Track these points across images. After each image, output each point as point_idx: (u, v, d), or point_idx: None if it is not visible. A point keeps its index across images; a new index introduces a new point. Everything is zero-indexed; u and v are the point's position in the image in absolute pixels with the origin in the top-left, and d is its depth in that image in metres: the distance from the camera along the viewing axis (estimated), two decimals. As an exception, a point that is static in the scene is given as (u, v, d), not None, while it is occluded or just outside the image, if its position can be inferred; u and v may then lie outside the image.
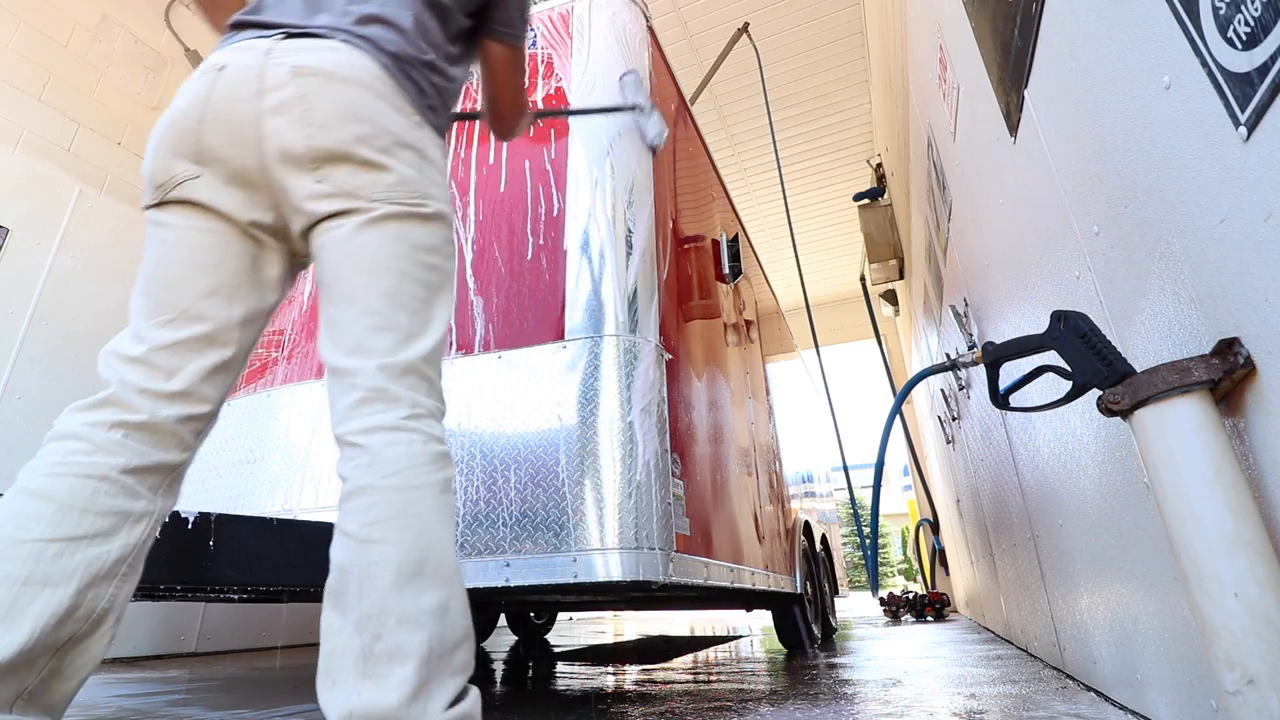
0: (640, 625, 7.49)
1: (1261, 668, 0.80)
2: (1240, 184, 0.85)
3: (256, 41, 1.00)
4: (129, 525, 0.87)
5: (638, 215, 2.11)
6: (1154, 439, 0.95)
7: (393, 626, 0.78)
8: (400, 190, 0.99)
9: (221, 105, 0.96)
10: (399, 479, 0.87)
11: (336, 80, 0.97)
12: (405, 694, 0.75)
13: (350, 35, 1.02)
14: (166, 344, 0.95)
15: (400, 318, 0.96)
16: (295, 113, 0.95)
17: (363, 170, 0.97)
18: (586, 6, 2.43)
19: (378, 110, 0.99)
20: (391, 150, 1.00)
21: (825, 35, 5.84)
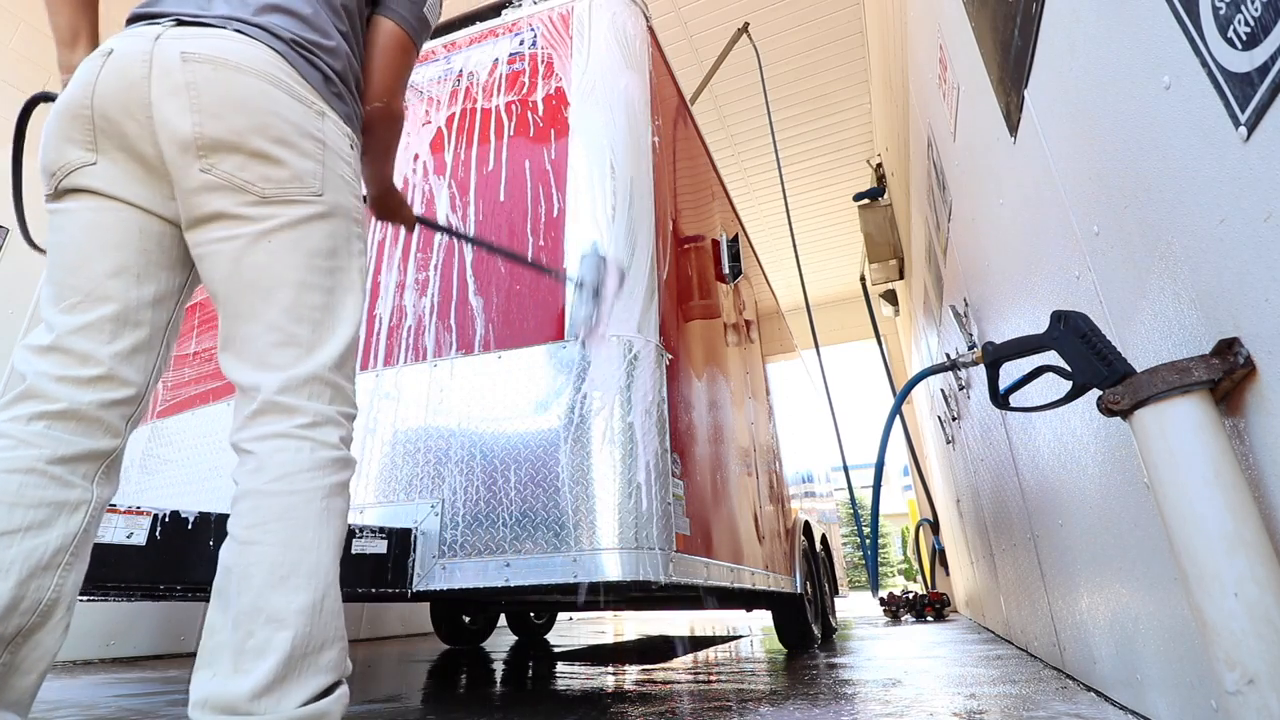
0: (640, 625, 7.49)
1: (1261, 668, 0.80)
2: (1240, 184, 0.85)
3: (146, 28, 0.98)
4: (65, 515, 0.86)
5: (638, 215, 2.11)
6: (1154, 439, 0.95)
7: (261, 624, 0.81)
8: (293, 186, 0.97)
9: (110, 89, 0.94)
10: (281, 484, 0.89)
11: (227, 68, 0.95)
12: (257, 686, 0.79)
13: (244, 24, 1.00)
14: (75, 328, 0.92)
15: (301, 331, 0.96)
16: (184, 98, 0.93)
17: (254, 161, 0.95)
18: (586, 6, 2.43)
19: (273, 99, 0.97)
20: (288, 141, 0.97)
21: (825, 35, 5.84)
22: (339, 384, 0.99)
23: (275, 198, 0.96)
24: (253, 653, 0.80)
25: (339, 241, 1.03)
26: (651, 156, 2.27)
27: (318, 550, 0.88)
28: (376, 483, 1.99)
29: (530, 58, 2.48)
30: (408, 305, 2.24)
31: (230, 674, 0.80)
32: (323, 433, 0.95)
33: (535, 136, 2.30)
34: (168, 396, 2.72)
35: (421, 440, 1.98)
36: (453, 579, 1.77)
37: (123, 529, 1.33)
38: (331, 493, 0.92)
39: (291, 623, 0.82)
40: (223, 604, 0.85)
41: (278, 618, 0.82)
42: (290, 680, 0.81)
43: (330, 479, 0.93)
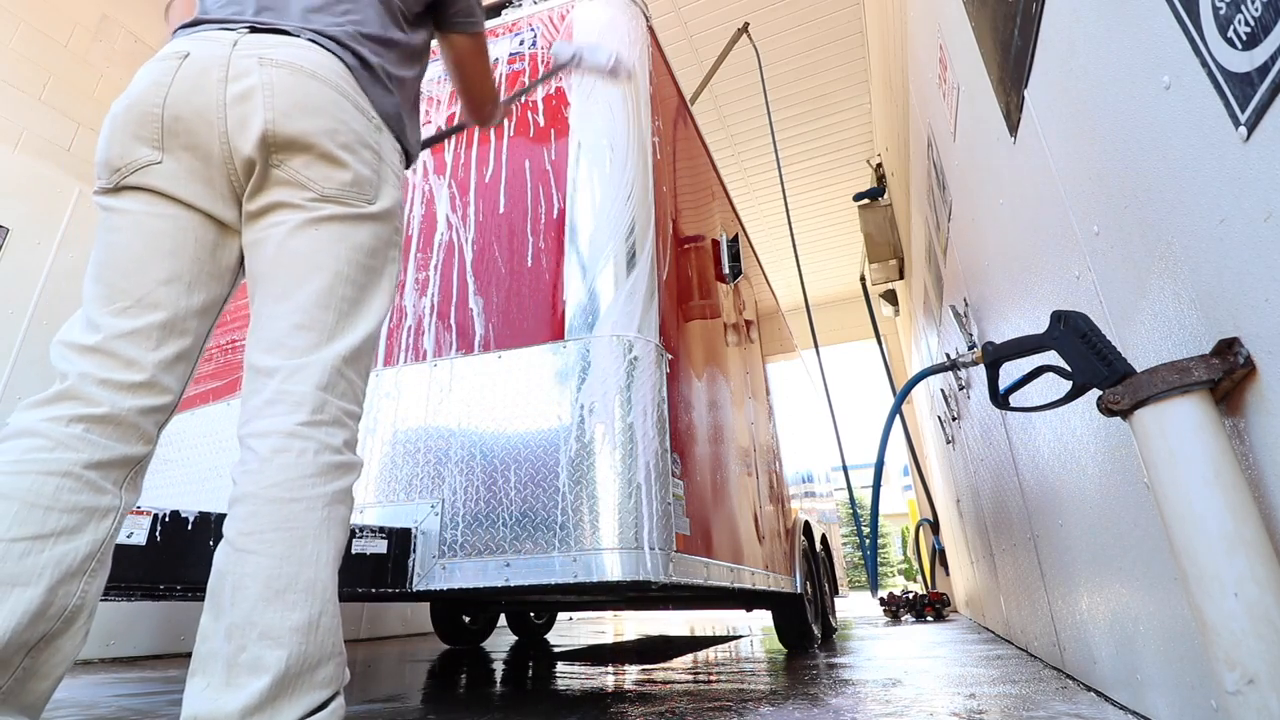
0: (640, 625, 7.49)
1: (1261, 668, 0.80)
2: (1240, 184, 0.85)
3: (221, 33, 1.00)
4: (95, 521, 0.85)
5: (638, 215, 2.11)
6: (1154, 439, 0.95)
7: (255, 639, 0.79)
8: (353, 190, 1.01)
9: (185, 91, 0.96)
10: (280, 490, 0.85)
11: (303, 74, 0.99)
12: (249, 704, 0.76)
13: (318, 35, 1.04)
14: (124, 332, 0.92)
15: (326, 317, 0.96)
16: (259, 99, 0.96)
17: (319, 162, 0.98)
18: (586, 6, 2.43)
19: (342, 108, 1.01)
20: (352, 148, 1.01)
21: (825, 35, 5.84)
22: (351, 379, 0.98)
23: (333, 197, 0.99)
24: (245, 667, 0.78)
25: (381, 244, 1.05)
26: (651, 156, 2.27)
27: (316, 565, 0.85)
28: (376, 483, 1.98)
29: (530, 58, 2.48)
30: (408, 305, 2.24)
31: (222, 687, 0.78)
32: (327, 433, 0.92)
33: (535, 136, 2.30)
34: (168, 396, 2.72)
35: (421, 440, 1.98)
36: (453, 579, 1.77)
37: (123, 529, 1.33)
38: (334, 500, 0.89)
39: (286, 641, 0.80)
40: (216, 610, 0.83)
41: (272, 634, 0.80)
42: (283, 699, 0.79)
43: (333, 485, 0.90)
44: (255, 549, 0.83)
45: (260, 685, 0.77)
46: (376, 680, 2.80)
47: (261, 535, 0.83)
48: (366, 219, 1.03)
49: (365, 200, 1.02)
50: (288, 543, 0.83)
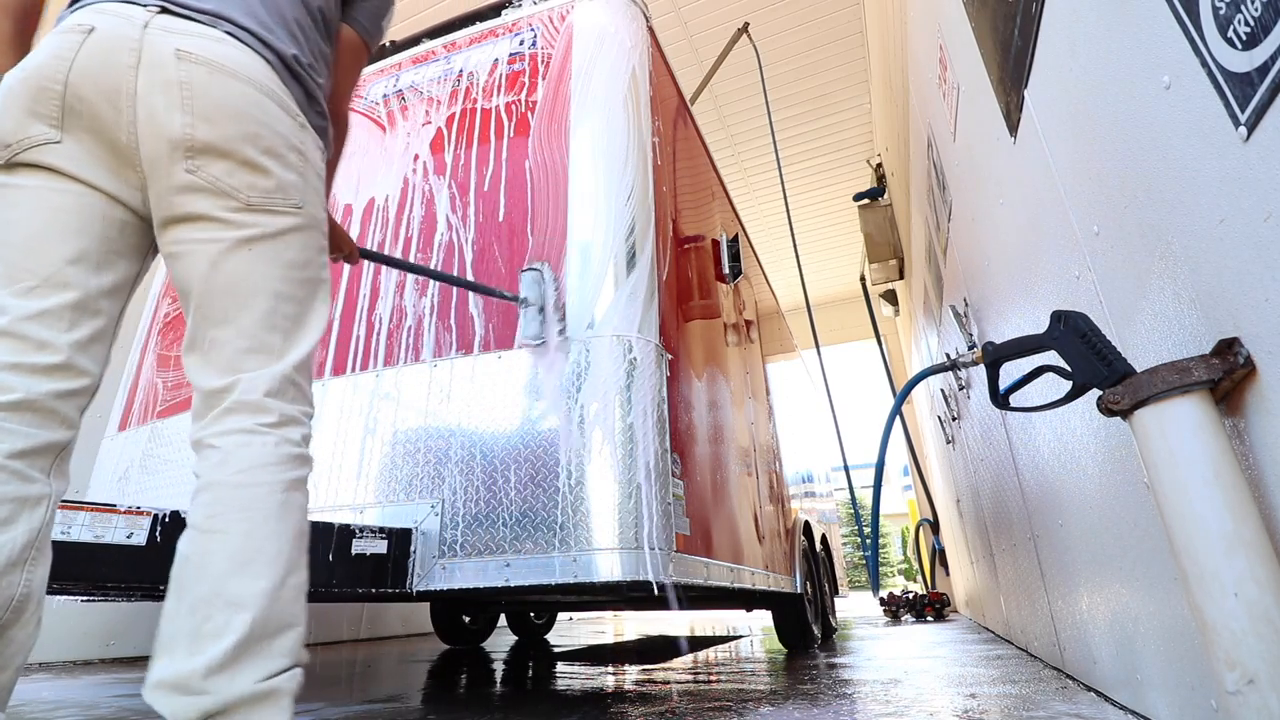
0: (640, 625, 7.49)
1: (1261, 668, 0.80)
2: (1240, 184, 0.85)
3: (127, 8, 0.94)
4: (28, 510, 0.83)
5: (638, 215, 2.11)
6: (1154, 439, 0.95)
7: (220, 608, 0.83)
8: (277, 197, 0.99)
9: (91, 70, 0.91)
10: (244, 476, 0.90)
11: (224, 73, 0.95)
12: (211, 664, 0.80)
13: (237, 28, 0.99)
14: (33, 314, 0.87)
15: (273, 339, 0.98)
16: (175, 96, 0.92)
17: (241, 169, 0.95)
18: (587, 7, 2.43)
19: (265, 109, 0.98)
20: (277, 152, 0.99)
21: (825, 35, 5.84)
22: (301, 384, 1.02)
23: (259, 206, 0.97)
24: (210, 635, 0.82)
25: (312, 253, 1.05)
26: (651, 156, 2.27)
27: (279, 539, 0.89)
28: (376, 483, 1.99)
29: (530, 58, 2.48)
30: (408, 305, 2.24)
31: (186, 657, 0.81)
32: (287, 430, 0.97)
33: (535, 137, 2.30)
34: (167, 396, 2.72)
35: (421, 440, 1.98)
36: (453, 579, 1.77)
37: (123, 529, 1.33)
38: (291, 487, 0.94)
39: (250, 604, 0.84)
40: (179, 592, 0.86)
41: (237, 601, 0.83)
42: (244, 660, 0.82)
43: (291, 474, 0.94)
44: (220, 528, 0.87)
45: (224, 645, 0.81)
46: (376, 680, 2.81)
47: (226, 516, 0.87)
48: (296, 231, 1.01)
49: (293, 206, 1.01)
50: (252, 521, 0.88)
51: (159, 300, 3.14)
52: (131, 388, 2.97)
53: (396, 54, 2.89)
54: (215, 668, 0.80)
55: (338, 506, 2.00)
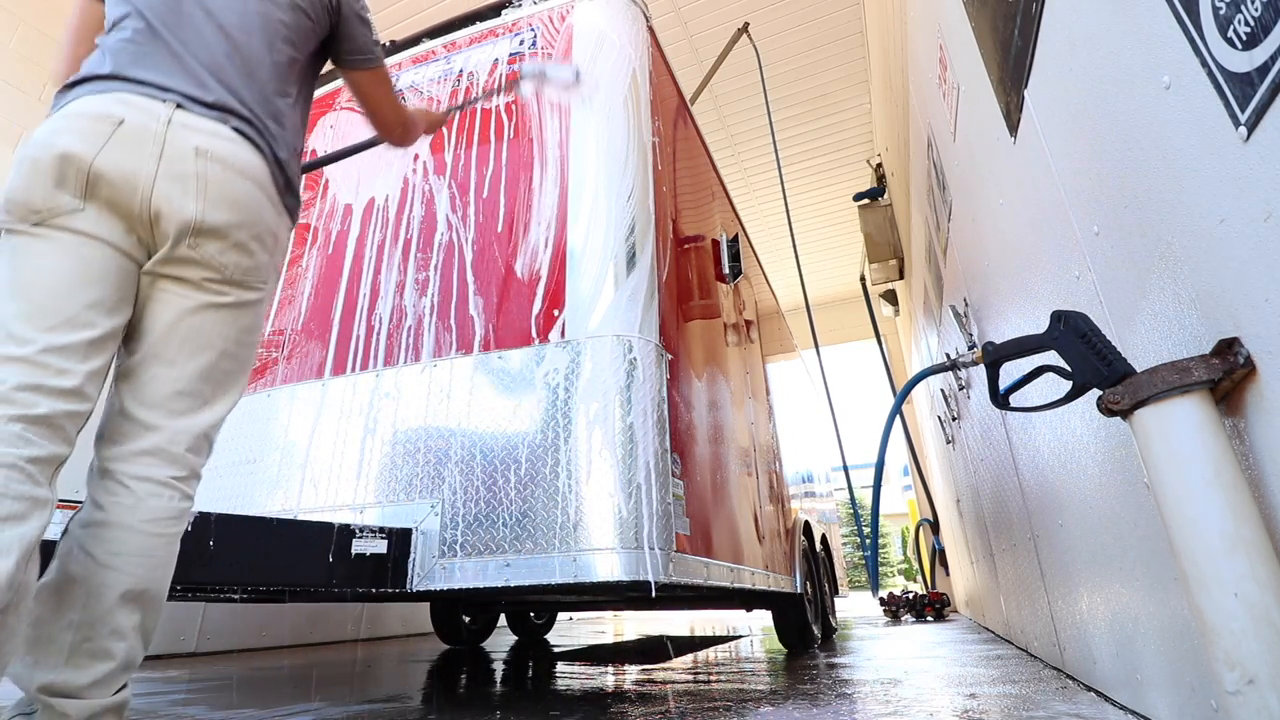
0: (640, 625, 7.49)
1: (1261, 668, 0.80)
2: (1240, 184, 0.85)
3: (149, 103, 1.08)
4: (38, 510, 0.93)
5: (638, 215, 2.11)
6: (1154, 439, 0.95)
7: (105, 635, 0.98)
8: (253, 274, 1.16)
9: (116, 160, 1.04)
10: (151, 526, 1.03)
11: (234, 170, 1.11)
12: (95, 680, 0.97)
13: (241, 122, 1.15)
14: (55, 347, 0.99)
15: (205, 389, 1.12)
16: (191, 187, 1.07)
17: (232, 250, 1.12)
18: (587, 7, 2.43)
19: (261, 203, 1.15)
20: (261, 238, 1.16)
21: (825, 35, 5.84)
22: (212, 440, 1.16)
23: (237, 281, 1.14)
24: (89, 654, 0.97)
25: (259, 322, 1.21)
26: (651, 156, 2.27)
27: (162, 585, 1.05)
28: (376, 483, 1.99)
29: (530, 58, 2.48)
30: (408, 305, 2.24)
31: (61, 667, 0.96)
32: (189, 485, 1.11)
33: (536, 137, 2.30)
34: (168, 396, 2.72)
35: (421, 440, 1.98)
36: (453, 579, 1.77)
37: (123, 529, 1.33)
38: (177, 538, 1.09)
39: (130, 636, 1.00)
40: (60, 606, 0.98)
41: (120, 631, 0.99)
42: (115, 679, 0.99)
43: (182, 526, 1.10)
44: (120, 567, 1.00)
45: (106, 668, 0.98)
46: (376, 680, 2.81)
47: (128, 557, 1.01)
48: (256, 304, 1.18)
49: (260, 282, 1.17)
50: (149, 565, 1.03)
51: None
52: (131, 388, 2.97)
53: (396, 54, 2.89)
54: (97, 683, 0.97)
55: (338, 506, 2.00)
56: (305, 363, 2.34)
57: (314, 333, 2.39)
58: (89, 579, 0.99)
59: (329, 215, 2.63)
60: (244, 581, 1.53)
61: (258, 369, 2.45)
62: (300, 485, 2.10)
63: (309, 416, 2.21)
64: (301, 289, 2.54)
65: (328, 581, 1.67)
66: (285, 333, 2.47)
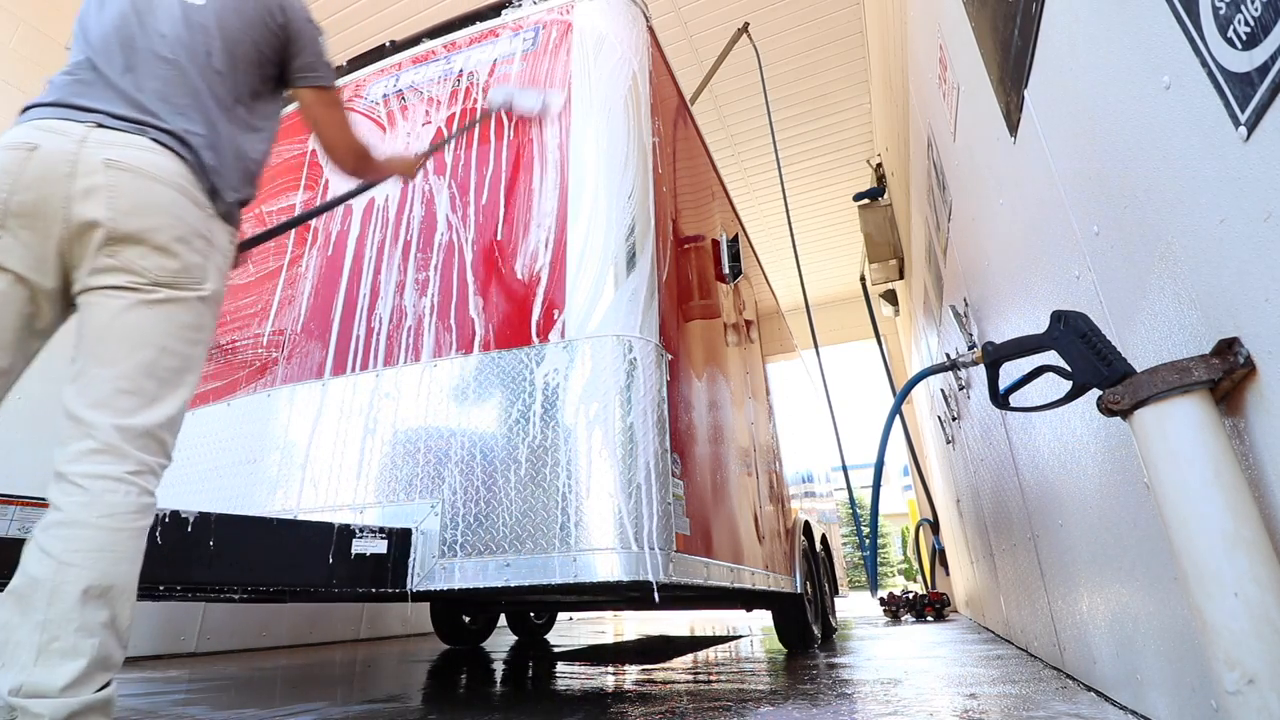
0: (640, 625, 7.49)
1: (1261, 668, 0.80)
2: (1240, 184, 0.85)
3: (69, 126, 1.12)
4: None
5: (638, 215, 2.11)
6: (1154, 439, 0.95)
7: (72, 632, 0.98)
8: (182, 276, 1.17)
9: (30, 184, 1.08)
10: (109, 520, 1.04)
11: (145, 177, 1.13)
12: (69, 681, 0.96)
13: (160, 133, 1.18)
14: None
15: (149, 385, 1.13)
16: (103, 198, 1.10)
17: (153, 253, 1.14)
18: (587, 6, 2.43)
19: (179, 204, 1.17)
20: (185, 239, 1.17)
21: (825, 35, 5.84)
22: (165, 439, 1.16)
23: (164, 282, 1.15)
24: (58, 653, 0.97)
25: (205, 320, 1.22)
26: (651, 156, 2.27)
27: (127, 579, 1.05)
28: (376, 483, 1.99)
29: (524, 59, 2.48)
30: (408, 305, 2.24)
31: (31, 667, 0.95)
32: (145, 480, 1.11)
33: (535, 138, 2.30)
34: (168, 396, 2.72)
35: (421, 440, 1.98)
36: (453, 579, 1.77)
37: (123, 529, 1.33)
38: (142, 532, 1.10)
39: (98, 633, 1.00)
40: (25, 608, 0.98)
41: (87, 628, 0.99)
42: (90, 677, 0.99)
43: (144, 521, 1.10)
44: (79, 563, 1.00)
45: (78, 666, 0.97)
46: (376, 680, 2.81)
47: (87, 553, 1.01)
48: (190, 302, 1.18)
49: (195, 283, 1.19)
50: (109, 561, 1.03)
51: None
52: (131, 388, 2.97)
53: (396, 54, 2.89)
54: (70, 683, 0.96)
55: (338, 506, 2.00)
56: (305, 363, 2.34)
57: (314, 333, 2.39)
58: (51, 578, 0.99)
59: (329, 215, 2.63)
60: (244, 581, 1.53)
61: (258, 369, 2.45)
62: (300, 485, 2.10)
63: (309, 416, 2.21)
64: (302, 289, 2.54)
65: (328, 581, 1.67)
66: (285, 333, 2.47)
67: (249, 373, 2.48)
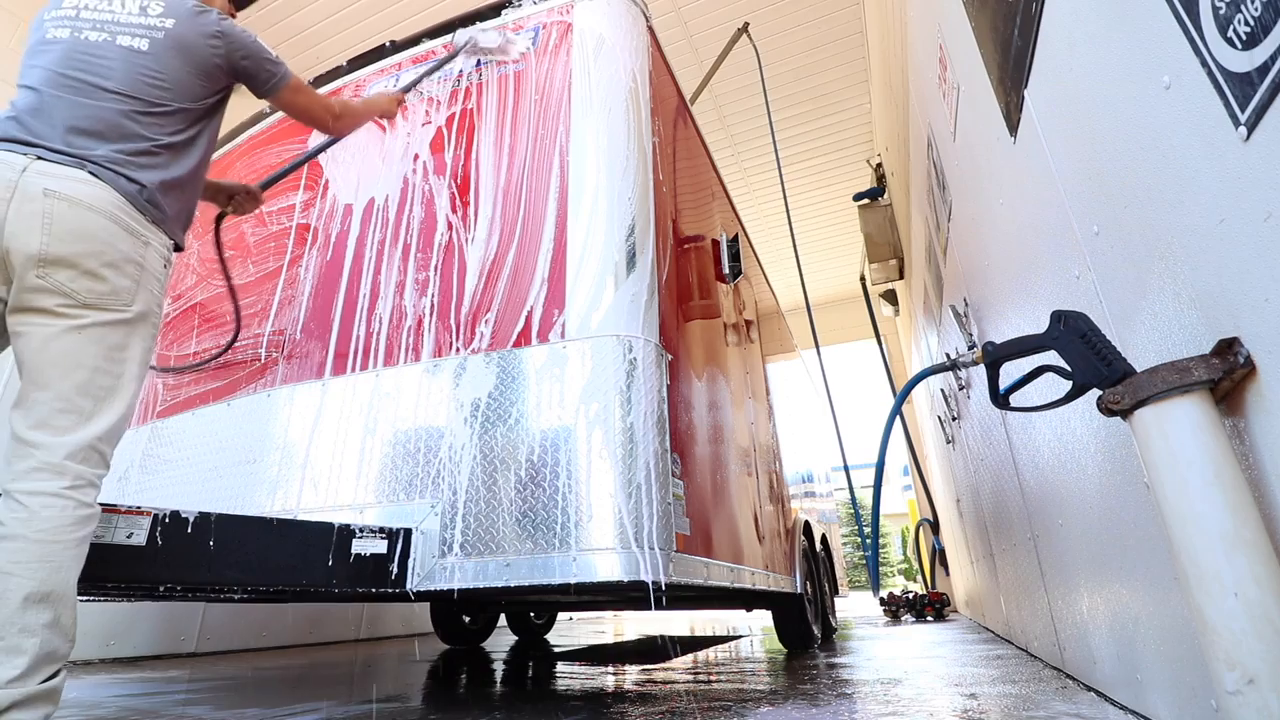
0: (640, 625, 7.49)
1: (1261, 668, 0.80)
2: (1240, 184, 0.85)
3: (11, 157, 1.23)
4: None
5: (638, 215, 2.11)
6: (1154, 439, 0.95)
7: (15, 634, 1.08)
8: (109, 298, 1.26)
9: None
10: (46, 534, 1.13)
11: (80, 207, 1.24)
12: (13, 675, 1.07)
13: (99, 168, 1.28)
14: None
15: (85, 404, 1.22)
16: (38, 223, 1.20)
17: (83, 277, 1.23)
18: (586, 6, 2.43)
19: (111, 233, 1.26)
20: (115, 265, 1.26)
21: (825, 35, 5.84)
22: (103, 451, 1.24)
23: (93, 305, 1.24)
24: (3, 652, 1.07)
25: (134, 340, 1.31)
26: (651, 156, 2.27)
27: (65, 585, 1.14)
28: (376, 483, 1.98)
29: (528, 57, 2.48)
30: (408, 305, 2.24)
31: None
32: (83, 494, 1.19)
33: (535, 137, 2.30)
34: (167, 397, 2.72)
35: (421, 440, 1.98)
36: (453, 579, 1.77)
37: (123, 529, 1.33)
38: (82, 541, 1.18)
39: (39, 633, 1.10)
40: None
41: (29, 629, 1.09)
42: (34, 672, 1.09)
43: (83, 530, 1.18)
44: (20, 574, 1.10)
45: (21, 663, 1.07)
46: (376, 680, 2.80)
47: (27, 564, 1.11)
48: (122, 323, 1.27)
49: (123, 305, 1.27)
50: (49, 569, 1.12)
51: (159, 300, 3.14)
52: (131, 388, 2.97)
53: (396, 54, 2.89)
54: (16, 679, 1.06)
55: (338, 506, 2.00)
56: (305, 363, 2.34)
57: (314, 333, 2.39)
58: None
59: (329, 215, 2.63)
60: (244, 581, 1.53)
61: (258, 370, 2.45)
62: (300, 485, 2.10)
63: (309, 416, 2.21)
64: (301, 289, 2.54)
65: (328, 581, 1.67)
66: (285, 333, 2.47)
67: (249, 373, 2.48)
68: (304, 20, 5.54)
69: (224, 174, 3.24)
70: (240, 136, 3.30)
